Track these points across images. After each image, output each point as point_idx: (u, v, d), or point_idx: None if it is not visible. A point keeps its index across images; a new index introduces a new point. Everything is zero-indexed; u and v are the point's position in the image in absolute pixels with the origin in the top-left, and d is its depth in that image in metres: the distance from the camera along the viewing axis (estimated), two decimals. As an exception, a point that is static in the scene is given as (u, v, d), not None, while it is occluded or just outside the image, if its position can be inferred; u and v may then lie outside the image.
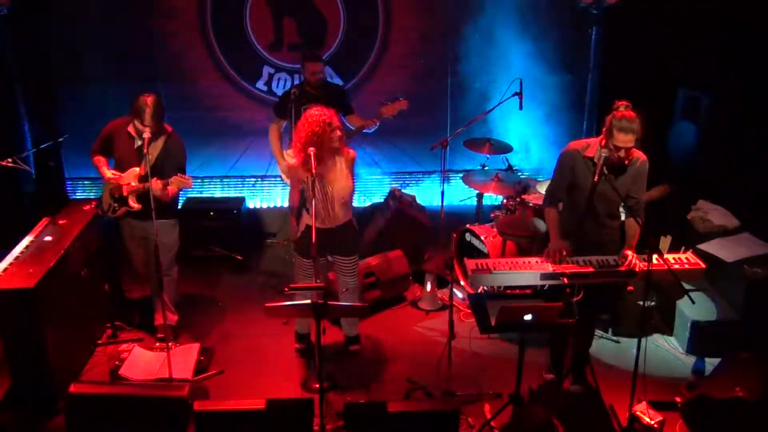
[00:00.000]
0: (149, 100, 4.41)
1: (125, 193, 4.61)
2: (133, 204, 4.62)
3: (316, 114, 4.18)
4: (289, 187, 4.66)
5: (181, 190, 4.64)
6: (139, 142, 4.53)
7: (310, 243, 4.05)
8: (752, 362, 4.34)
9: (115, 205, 4.71)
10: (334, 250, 4.56)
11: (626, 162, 3.96)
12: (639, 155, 4.03)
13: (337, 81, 6.57)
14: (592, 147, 4.06)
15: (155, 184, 4.36)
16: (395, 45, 6.51)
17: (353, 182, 4.49)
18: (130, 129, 4.56)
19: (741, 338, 4.64)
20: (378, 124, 5.47)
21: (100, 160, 4.75)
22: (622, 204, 4.07)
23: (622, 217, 4.27)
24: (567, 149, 4.17)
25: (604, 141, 3.94)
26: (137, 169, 4.58)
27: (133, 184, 4.58)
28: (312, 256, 4.13)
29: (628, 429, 3.95)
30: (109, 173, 4.66)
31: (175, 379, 4.33)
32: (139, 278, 5.19)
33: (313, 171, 4.13)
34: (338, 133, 4.21)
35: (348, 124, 5.70)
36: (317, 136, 4.14)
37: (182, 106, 6.38)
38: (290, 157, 5.20)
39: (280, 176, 6.01)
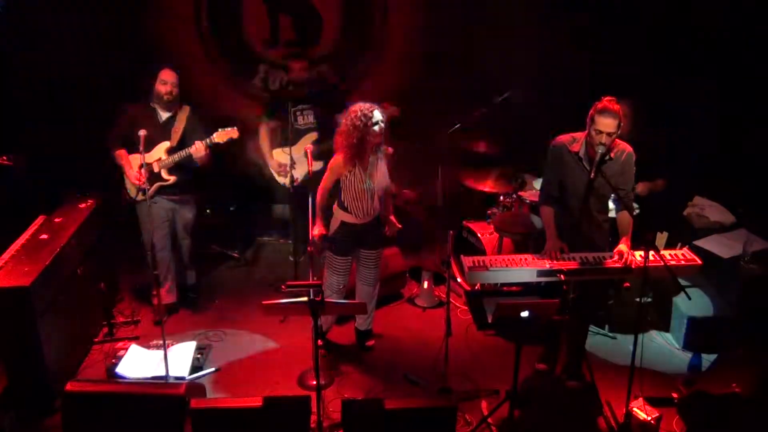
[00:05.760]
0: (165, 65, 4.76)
1: (156, 170, 4.70)
2: (167, 177, 4.70)
3: (356, 107, 4.22)
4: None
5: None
6: (165, 116, 4.75)
7: (348, 240, 4.07)
8: (748, 358, 4.37)
9: (145, 185, 4.71)
10: (361, 245, 4.58)
11: (610, 152, 3.96)
12: (624, 147, 4.05)
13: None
14: (579, 141, 4.07)
15: (198, 147, 4.63)
16: (393, 42, 6.49)
17: (390, 178, 4.54)
18: (153, 104, 4.75)
19: (737, 334, 4.65)
20: None
21: (122, 155, 4.81)
22: (612, 198, 4.08)
23: (611, 213, 4.28)
24: (554, 143, 4.19)
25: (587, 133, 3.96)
26: (167, 143, 4.71)
27: (163, 157, 4.64)
28: (310, 252, 4.14)
29: (625, 425, 3.96)
30: (133, 174, 4.74)
31: (172, 377, 4.33)
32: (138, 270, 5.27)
33: (310, 169, 4.14)
34: (379, 127, 4.19)
35: None
36: (358, 129, 4.17)
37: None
38: (282, 155, 5.22)
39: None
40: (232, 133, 4.70)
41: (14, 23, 5.89)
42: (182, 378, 4.42)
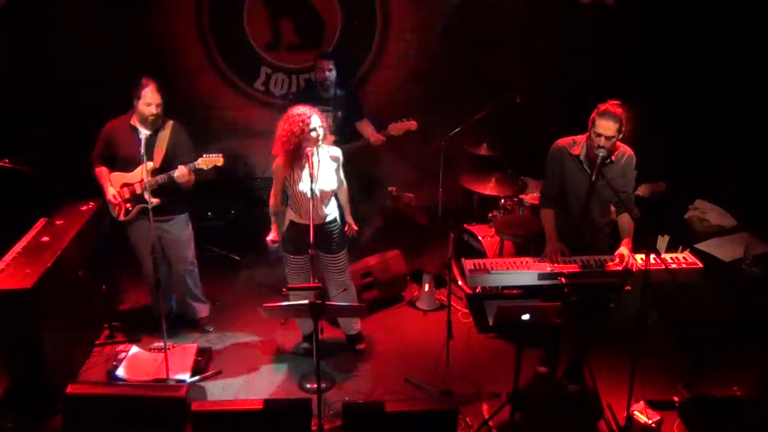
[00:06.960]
0: (149, 79, 4.45)
1: (138, 191, 4.52)
2: (151, 199, 4.32)
3: (294, 114, 4.21)
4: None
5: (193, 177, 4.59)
6: (145, 134, 4.47)
7: (297, 239, 4.06)
8: (749, 361, 4.36)
9: (128, 205, 4.64)
10: (320, 247, 4.54)
11: (612, 158, 3.97)
12: (625, 149, 4.06)
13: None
14: (579, 144, 4.08)
15: (182, 171, 4.41)
16: (393, 44, 6.49)
17: (341, 180, 4.52)
18: (133, 121, 4.53)
19: (739, 338, 4.64)
20: (383, 140, 5.49)
21: (102, 172, 4.65)
22: (614, 200, 4.08)
23: (611, 216, 4.28)
24: (554, 146, 4.20)
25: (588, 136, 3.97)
26: (150, 163, 4.47)
27: (146, 179, 4.44)
28: (310, 255, 4.12)
29: (626, 428, 3.95)
30: (111, 192, 4.58)
31: (173, 379, 4.33)
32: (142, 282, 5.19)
33: (312, 171, 4.13)
34: (316, 133, 4.20)
35: (359, 130, 5.67)
36: (296, 136, 4.17)
37: (179, 106, 6.33)
38: None
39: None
40: (216, 160, 4.51)
41: (15, 25, 5.90)
42: (183, 381, 4.42)
